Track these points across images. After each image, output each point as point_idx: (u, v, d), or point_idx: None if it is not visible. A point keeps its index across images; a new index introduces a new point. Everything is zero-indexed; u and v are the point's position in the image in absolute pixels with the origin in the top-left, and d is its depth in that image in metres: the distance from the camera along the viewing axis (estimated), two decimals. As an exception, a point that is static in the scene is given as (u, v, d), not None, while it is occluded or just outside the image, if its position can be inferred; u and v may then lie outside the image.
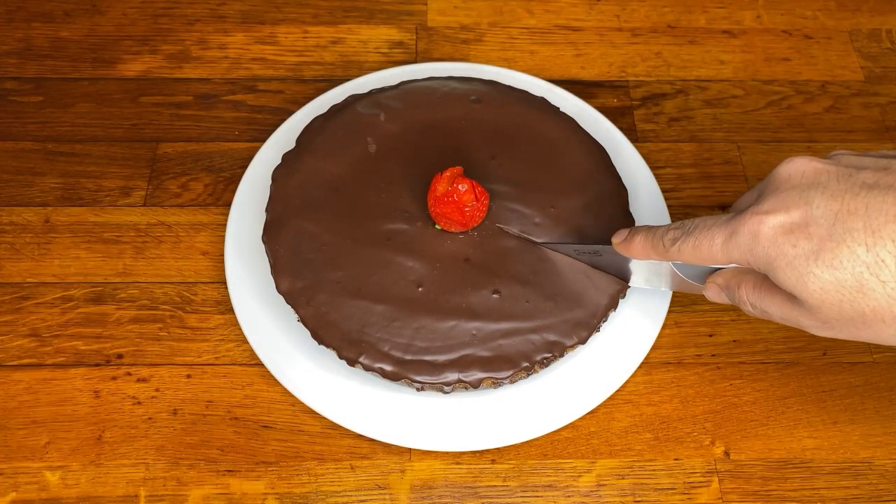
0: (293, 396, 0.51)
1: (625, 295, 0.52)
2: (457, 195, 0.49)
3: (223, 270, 0.56)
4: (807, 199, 0.38)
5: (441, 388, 0.49)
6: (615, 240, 0.49)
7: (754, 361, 0.54)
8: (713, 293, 0.46)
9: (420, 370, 0.48)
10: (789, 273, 0.38)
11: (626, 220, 0.54)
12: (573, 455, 0.51)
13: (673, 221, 0.57)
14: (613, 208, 0.54)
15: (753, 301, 0.43)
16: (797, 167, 0.40)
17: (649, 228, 0.47)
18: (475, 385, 0.49)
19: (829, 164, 0.39)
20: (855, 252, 0.36)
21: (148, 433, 0.51)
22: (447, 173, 0.50)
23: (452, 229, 0.52)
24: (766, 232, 0.39)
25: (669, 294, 0.54)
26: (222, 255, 0.56)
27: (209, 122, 0.63)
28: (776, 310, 0.41)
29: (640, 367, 0.53)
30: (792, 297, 0.40)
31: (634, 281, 0.52)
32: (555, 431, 0.51)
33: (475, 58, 0.67)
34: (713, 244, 0.41)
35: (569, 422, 0.50)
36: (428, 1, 0.70)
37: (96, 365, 0.53)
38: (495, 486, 0.50)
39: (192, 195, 0.59)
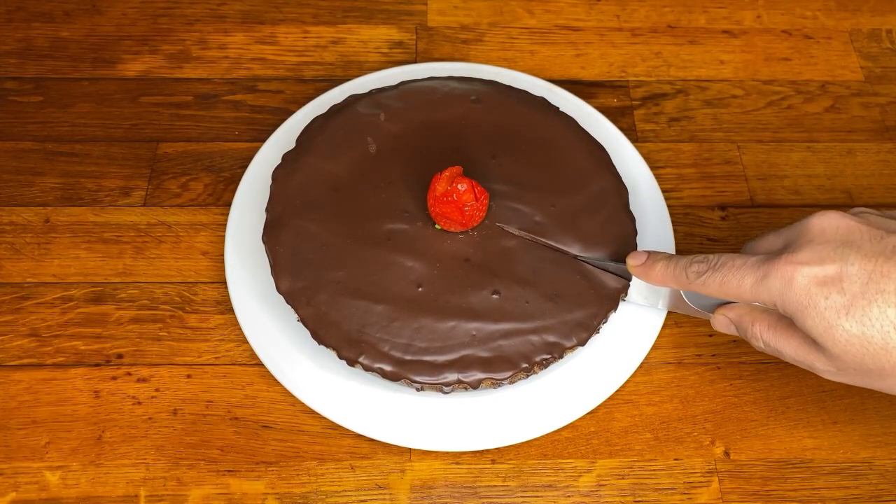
0: (293, 396, 0.51)
1: (626, 293, 0.52)
2: (456, 194, 0.49)
3: (223, 270, 0.56)
4: (842, 255, 0.41)
5: (441, 388, 0.49)
6: (632, 262, 0.50)
7: (754, 361, 0.54)
8: (722, 324, 0.48)
9: (420, 370, 0.48)
10: (818, 322, 0.41)
11: (627, 219, 0.54)
12: (573, 455, 0.51)
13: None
14: (613, 206, 0.54)
15: (767, 340, 0.45)
16: (831, 222, 0.42)
17: (670, 258, 0.48)
18: (474, 386, 0.49)
19: (860, 223, 0.42)
20: (885, 312, 0.39)
21: (148, 433, 0.51)
22: (446, 173, 0.50)
23: (452, 229, 0.52)
24: (800, 281, 0.41)
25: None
26: (222, 255, 0.56)
27: (209, 122, 0.63)
28: (791, 351, 0.44)
29: (640, 366, 0.53)
30: (810, 342, 0.42)
31: (631, 297, 0.52)
32: (555, 431, 0.51)
33: (475, 58, 0.67)
34: (742, 283, 0.43)
35: (569, 422, 0.50)
36: (428, 1, 0.70)
37: (96, 365, 0.53)
38: (495, 486, 0.50)
39: (192, 195, 0.59)
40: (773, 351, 0.45)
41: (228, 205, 0.58)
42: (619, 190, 0.55)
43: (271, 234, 0.52)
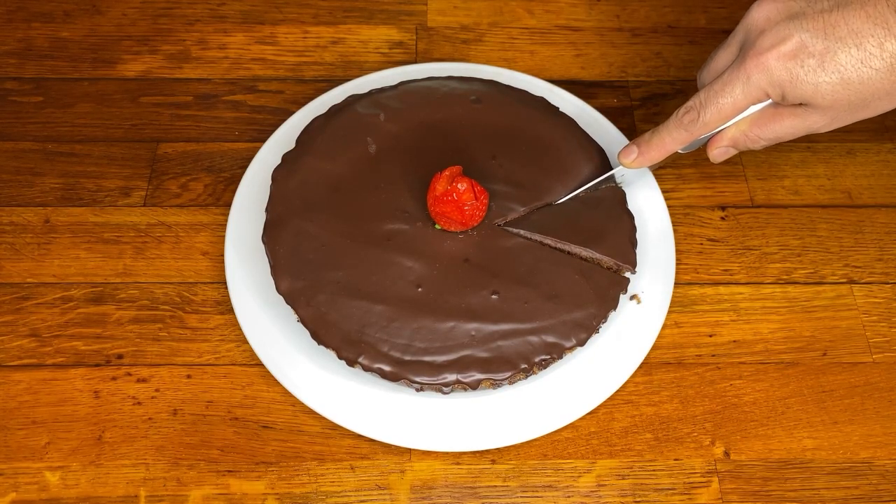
0: (293, 397, 0.51)
1: (625, 291, 0.52)
2: (456, 194, 0.49)
3: (223, 271, 0.56)
4: (794, 27, 0.46)
5: (440, 388, 0.49)
6: (626, 160, 0.53)
7: (754, 362, 0.54)
8: (721, 155, 0.52)
9: (419, 371, 0.48)
10: (805, 87, 0.46)
11: (626, 217, 0.54)
12: (573, 455, 0.51)
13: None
14: (611, 205, 0.54)
15: (765, 134, 0.50)
16: (770, 7, 0.48)
17: (654, 131, 0.52)
18: (473, 386, 0.49)
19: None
20: (850, 53, 0.45)
21: (148, 433, 0.51)
22: (446, 172, 0.50)
23: (452, 229, 0.52)
24: (774, 64, 0.46)
25: (670, 294, 0.54)
26: (222, 255, 0.56)
27: (209, 123, 0.63)
28: (787, 129, 0.49)
29: (640, 367, 0.53)
30: (799, 112, 0.48)
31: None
32: (555, 432, 0.51)
33: (475, 58, 0.67)
34: (735, 98, 0.48)
35: (569, 422, 0.50)
36: (428, 1, 0.70)
37: (96, 365, 0.53)
38: (495, 486, 0.50)
39: (192, 195, 0.59)
40: (773, 140, 0.50)
41: (228, 205, 0.58)
42: (615, 189, 0.55)
43: (271, 235, 0.52)
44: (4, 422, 0.51)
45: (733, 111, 0.49)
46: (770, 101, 0.48)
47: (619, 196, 0.55)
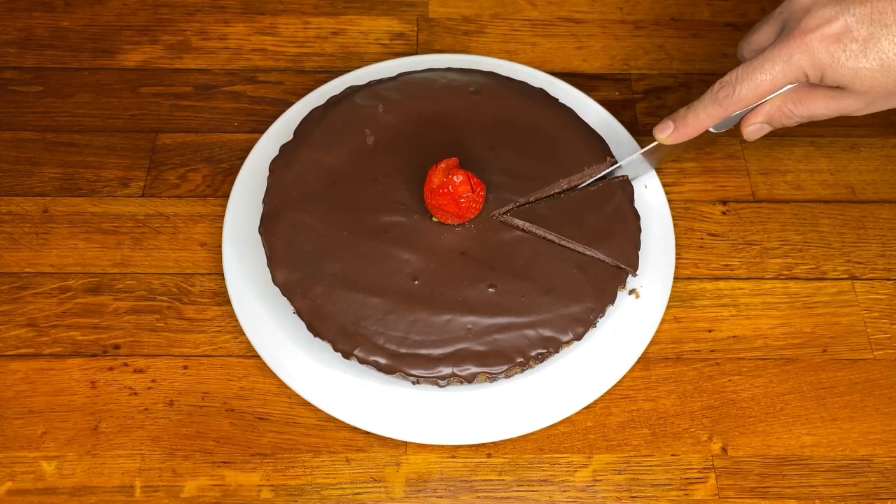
0: (289, 388, 0.51)
1: (623, 286, 0.52)
2: (452, 186, 0.49)
3: (221, 262, 0.55)
4: (840, 10, 0.46)
5: (436, 381, 0.49)
6: (661, 135, 0.53)
7: (753, 357, 0.54)
8: (755, 132, 0.52)
9: (415, 364, 0.48)
10: (845, 72, 0.46)
11: (632, 218, 0.54)
12: (569, 450, 0.50)
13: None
14: (619, 204, 0.54)
15: (800, 112, 0.50)
16: None
17: (689, 107, 0.52)
18: (469, 380, 0.48)
19: None
20: (893, 41, 0.45)
21: (144, 424, 0.51)
22: (442, 164, 0.49)
23: (449, 221, 0.51)
24: (817, 46, 0.46)
25: (669, 289, 0.54)
26: (220, 246, 0.56)
27: (208, 113, 0.63)
28: (822, 108, 0.49)
29: (638, 361, 0.52)
30: (834, 93, 0.48)
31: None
32: (551, 426, 0.50)
33: (476, 49, 0.66)
34: (774, 75, 0.48)
35: (565, 416, 0.50)
36: (429, -8, 0.70)
37: (93, 355, 0.53)
38: (491, 479, 0.49)
39: (190, 186, 0.59)
40: (807, 117, 0.50)
41: (227, 196, 0.58)
42: (624, 183, 0.55)
43: (268, 226, 0.52)
44: (1, 411, 0.51)
45: (771, 88, 0.48)
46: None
47: (627, 192, 0.54)
